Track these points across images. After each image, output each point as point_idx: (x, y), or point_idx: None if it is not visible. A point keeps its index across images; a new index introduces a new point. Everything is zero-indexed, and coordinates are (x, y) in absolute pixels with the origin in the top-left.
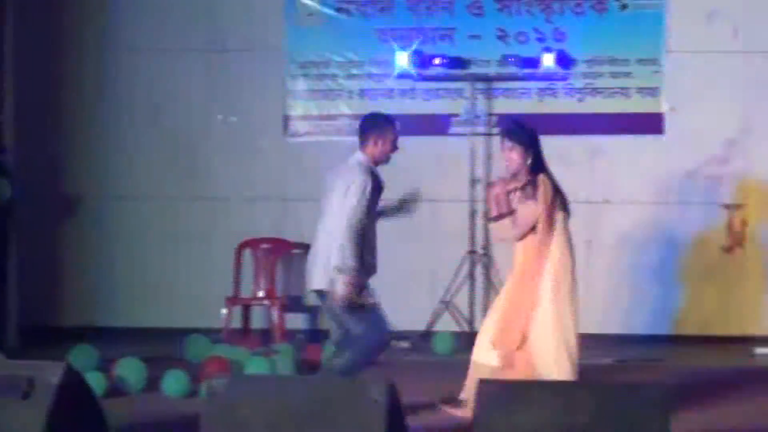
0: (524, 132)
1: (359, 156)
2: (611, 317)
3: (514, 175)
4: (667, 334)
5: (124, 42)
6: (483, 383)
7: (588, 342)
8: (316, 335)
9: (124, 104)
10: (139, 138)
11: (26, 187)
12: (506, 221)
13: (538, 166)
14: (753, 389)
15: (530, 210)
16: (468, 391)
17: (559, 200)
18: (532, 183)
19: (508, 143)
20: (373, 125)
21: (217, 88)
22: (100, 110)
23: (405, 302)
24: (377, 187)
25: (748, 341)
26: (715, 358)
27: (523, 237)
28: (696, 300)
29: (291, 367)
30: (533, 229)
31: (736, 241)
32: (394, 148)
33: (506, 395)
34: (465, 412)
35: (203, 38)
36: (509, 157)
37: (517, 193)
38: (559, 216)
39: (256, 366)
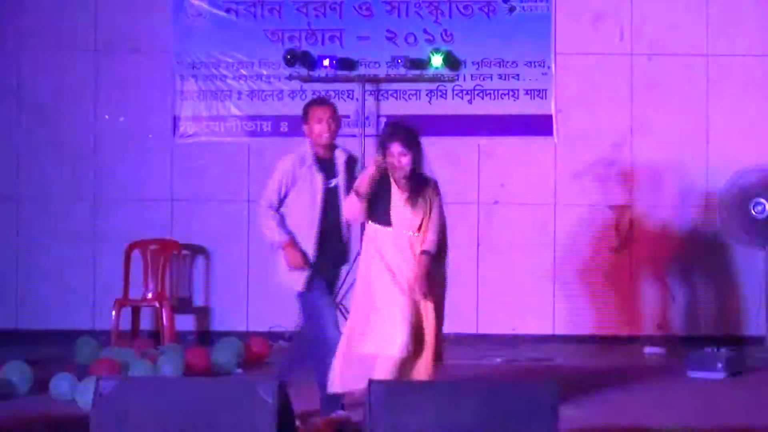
0: (415, 135)
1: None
2: (501, 317)
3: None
4: (557, 334)
5: (10, 41)
6: (372, 384)
7: (478, 342)
8: (206, 337)
9: (10, 104)
10: (26, 138)
11: None
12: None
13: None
14: (641, 388)
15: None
16: None
17: None
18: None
19: (401, 147)
20: (302, 114)
21: (105, 89)
22: None
23: (294, 304)
24: (293, 169)
25: (637, 341)
26: (605, 358)
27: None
28: (585, 300)
29: (178, 368)
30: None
31: (623, 241)
32: (316, 125)
33: (394, 396)
34: None
35: (91, 38)
36: (402, 163)
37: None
38: None
39: (139, 368)
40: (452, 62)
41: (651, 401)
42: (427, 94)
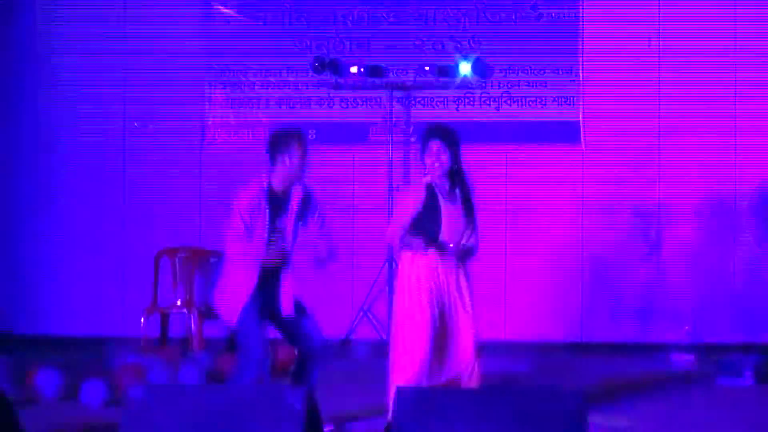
0: (454, 134)
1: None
2: (529, 324)
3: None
4: (586, 341)
5: (42, 47)
6: (400, 391)
7: (506, 349)
8: (235, 344)
9: (42, 113)
10: (57, 147)
11: None
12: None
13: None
14: (669, 394)
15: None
16: None
17: None
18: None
19: (440, 144)
20: (277, 143)
21: (134, 97)
22: (17, 119)
23: (323, 310)
24: (250, 208)
25: (665, 348)
26: (633, 364)
27: None
28: (614, 307)
29: (199, 375)
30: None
31: (652, 247)
32: (303, 158)
33: (423, 402)
34: None
35: (120, 47)
36: (441, 160)
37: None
38: None
39: (159, 375)
40: (480, 69)
41: (679, 408)
42: (454, 101)
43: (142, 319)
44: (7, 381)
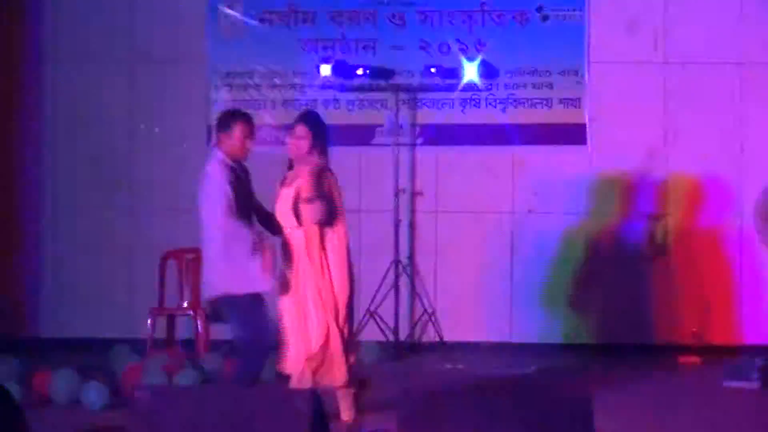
0: (318, 122)
1: (213, 153)
2: (534, 326)
3: (296, 161)
4: (591, 343)
5: (46, 53)
6: (404, 394)
7: (510, 351)
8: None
9: (46, 115)
10: (62, 149)
11: None
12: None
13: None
14: (676, 397)
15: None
16: None
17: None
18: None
19: (302, 130)
20: (219, 123)
21: (140, 99)
22: (22, 121)
23: None
24: (235, 179)
25: (671, 350)
26: (640, 367)
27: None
28: (619, 309)
29: (204, 377)
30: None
31: (658, 250)
32: (244, 140)
33: (427, 407)
34: None
35: (126, 49)
36: (297, 144)
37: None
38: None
39: (153, 377)
40: (486, 71)
41: (685, 411)
42: (460, 103)
43: (149, 321)
44: (15, 383)
